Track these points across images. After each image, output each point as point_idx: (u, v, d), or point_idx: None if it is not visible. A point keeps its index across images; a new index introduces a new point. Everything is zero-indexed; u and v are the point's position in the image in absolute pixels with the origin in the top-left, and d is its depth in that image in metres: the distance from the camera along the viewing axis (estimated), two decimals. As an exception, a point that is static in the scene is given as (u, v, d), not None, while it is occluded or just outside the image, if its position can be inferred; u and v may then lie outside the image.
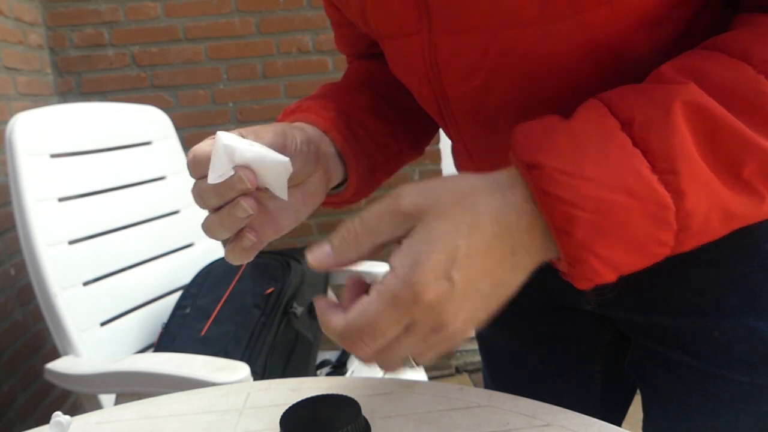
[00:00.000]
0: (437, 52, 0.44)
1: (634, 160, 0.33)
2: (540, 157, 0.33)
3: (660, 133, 0.33)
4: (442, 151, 2.18)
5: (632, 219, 0.33)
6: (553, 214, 0.33)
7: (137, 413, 0.53)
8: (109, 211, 1.39)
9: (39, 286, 1.17)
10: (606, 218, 0.33)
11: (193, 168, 0.42)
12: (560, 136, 0.34)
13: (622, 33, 0.39)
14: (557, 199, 0.33)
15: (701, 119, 0.33)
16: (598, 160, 0.33)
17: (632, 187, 0.33)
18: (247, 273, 1.40)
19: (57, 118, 1.34)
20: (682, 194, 0.33)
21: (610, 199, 0.33)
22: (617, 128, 0.34)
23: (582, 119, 0.35)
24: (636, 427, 0.65)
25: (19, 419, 1.52)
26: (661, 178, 0.33)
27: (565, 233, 0.33)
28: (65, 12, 1.90)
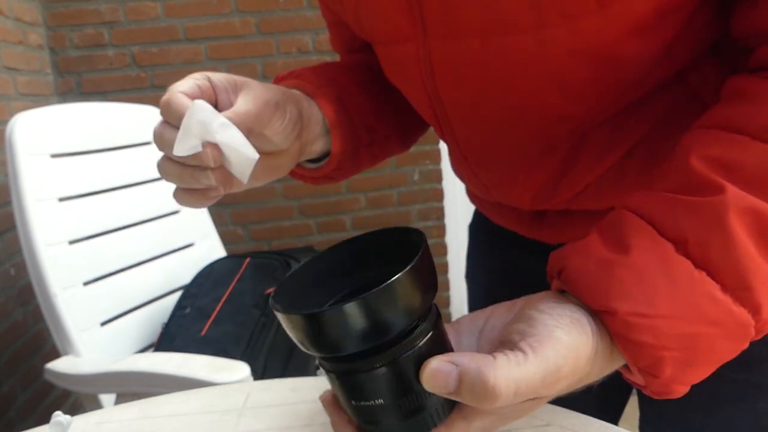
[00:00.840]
0: (432, 57, 0.44)
1: (703, 285, 0.32)
2: (611, 302, 0.32)
3: (721, 250, 0.32)
4: (442, 151, 2.19)
5: (716, 344, 0.33)
6: (638, 359, 0.33)
7: (137, 413, 0.53)
8: (109, 211, 1.39)
9: (39, 286, 1.17)
10: (692, 351, 0.33)
11: (159, 141, 0.40)
12: (623, 273, 0.33)
13: (615, 39, 0.39)
14: (639, 344, 0.32)
15: (756, 223, 0.32)
16: (669, 294, 0.32)
17: (710, 314, 0.32)
18: (247, 273, 1.40)
19: (57, 118, 1.34)
20: (760, 307, 0.32)
21: (693, 332, 0.32)
22: (672, 251, 0.33)
23: (637, 249, 0.33)
24: (633, 425, 0.65)
25: (19, 419, 1.53)
26: (734, 296, 0.32)
27: (652, 375, 0.33)
28: (65, 12, 1.90)
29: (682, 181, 0.35)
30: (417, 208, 2.20)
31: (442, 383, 0.30)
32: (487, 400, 0.30)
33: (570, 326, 0.32)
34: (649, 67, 0.42)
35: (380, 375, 0.31)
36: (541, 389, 0.31)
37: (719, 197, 0.33)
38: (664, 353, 0.32)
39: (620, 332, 0.32)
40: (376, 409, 0.32)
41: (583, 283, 0.34)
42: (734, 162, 0.34)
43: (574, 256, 0.35)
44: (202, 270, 1.45)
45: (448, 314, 2.31)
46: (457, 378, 0.30)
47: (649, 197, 0.35)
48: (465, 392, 0.30)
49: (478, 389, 0.30)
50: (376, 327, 0.29)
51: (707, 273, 0.32)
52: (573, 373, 0.32)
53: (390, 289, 0.29)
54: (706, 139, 0.36)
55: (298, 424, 0.48)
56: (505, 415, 0.34)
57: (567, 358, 0.31)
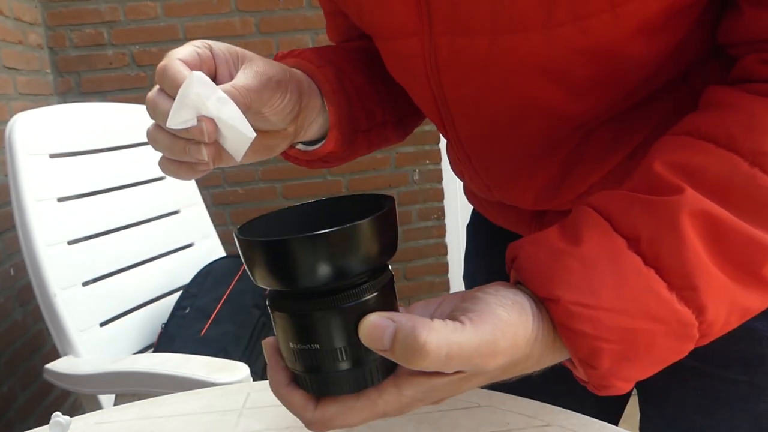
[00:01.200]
0: (437, 53, 0.44)
1: (650, 282, 0.32)
2: (555, 289, 0.33)
3: (671, 249, 0.32)
4: (442, 151, 2.18)
5: (656, 341, 0.33)
6: (577, 348, 0.33)
7: (137, 413, 0.53)
8: (108, 211, 1.38)
9: (38, 287, 1.17)
10: (631, 346, 0.33)
11: (152, 109, 0.38)
12: (571, 263, 0.33)
13: (623, 39, 0.39)
14: (578, 333, 0.32)
15: (709, 227, 0.33)
16: (614, 287, 0.32)
17: (654, 311, 0.32)
18: (246, 273, 1.40)
19: (56, 118, 1.34)
20: (704, 309, 0.33)
21: (634, 327, 0.32)
22: (624, 247, 0.33)
23: (589, 242, 0.34)
24: (633, 426, 0.65)
25: (19, 419, 1.52)
26: (679, 295, 0.32)
27: (590, 366, 0.33)
28: (65, 12, 1.90)
29: (643, 183, 0.35)
30: (417, 208, 2.20)
31: (377, 337, 0.31)
32: (417, 356, 0.30)
33: (511, 306, 0.33)
34: (656, 68, 0.42)
35: (320, 319, 0.31)
36: (475, 359, 0.31)
37: (676, 197, 0.33)
38: (602, 344, 0.32)
39: (562, 320, 0.33)
40: (311, 354, 0.32)
41: (531, 270, 0.34)
42: (696, 167, 0.34)
43: (528, 245, 0.36)
44: (202, 270, 1.45)
45: (447, 314, 2.30)
46: (392, 334, 0.30)
47: (611, 195, 0.36)
48: (397, 348, 0.30)
49: (409, 345, 0.30)
50: (324, 265, 0.30)
51: (656, 271, 0.33)
52: (510, 351, 0.32)
53: (345, 232, 0.30)
54: (673, 145, 0.36)
55: (298, 424, 0.48)
56: (438, 389, 0.33)
57: (505, 333, 0.32)
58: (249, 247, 0.32)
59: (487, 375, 0.34)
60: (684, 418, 0.55)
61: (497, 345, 0.31)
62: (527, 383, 0.67)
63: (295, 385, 0.34)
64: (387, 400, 0.33)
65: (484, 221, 0.66)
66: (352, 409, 0.33)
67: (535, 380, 0.67)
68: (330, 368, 0.32)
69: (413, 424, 0.46)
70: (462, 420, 0.46)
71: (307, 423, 0.34)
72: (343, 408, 0.33)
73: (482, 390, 0.51)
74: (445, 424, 0.46)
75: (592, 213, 0.35)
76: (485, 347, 0.31)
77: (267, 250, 0.31)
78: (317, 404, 0.33)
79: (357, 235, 0.31)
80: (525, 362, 0.34)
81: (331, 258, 0.30)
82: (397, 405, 0.33)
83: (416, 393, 0.33)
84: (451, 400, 0.49)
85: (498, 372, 0.33)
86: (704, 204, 0.33)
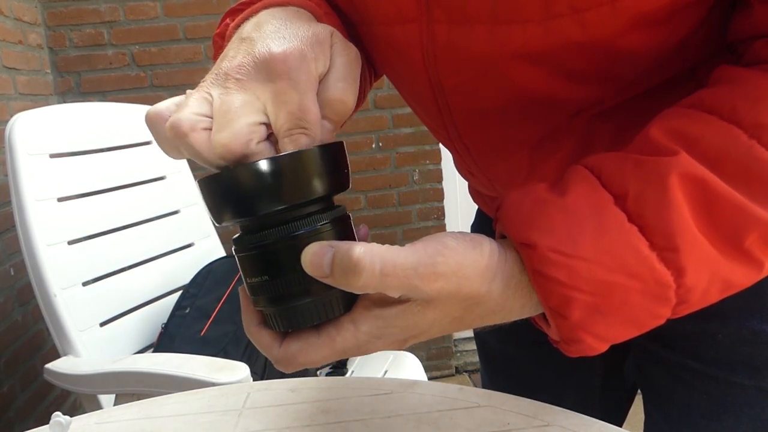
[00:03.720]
0: (434, 41, 0.44)
1: (631, 238, 0.32)
2: (533, 235, 0.32)
3: (656, 208, 0.32)
4: (442, 151, 2.18)
5: (631, 298, 0.33)
6: (549, 296, 0.33)
7: (137, 413, 0.53)
8: (108, 211, 1.39)
9: (38, 286, 1.17)
10: (604, 299, 0.32)
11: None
12: (553, 211, 0.33)
13: (620, 32, 0.39)
14: (551, 279, 0.32)
15: (698, 191, 0.32)
16: (594, 239, 0.32)
17: (631, 266, 0.32)
18: (246, 273, 1.40)
19: (56, 117, 1.34)
20: (683, 271, 0.32)
21: (609, 280, 0.32)
22: (611, 203, 0.33)
23: (574, 194, 0.34)
24: (637, 427, 0.65)
25: (19, 419, 1.52)
26: (660, 255, 0.32)
27: (561, 315, 0.33)
28: (65, 12, 1.90)
29: (639, 145, 0.35)
30: (417, 208, 2.20)
31: (318, 264, 0.31)
32: (352, 274, 0.30)
33: (463, 238, 0.33)
34: (657, 62, 0.42)
35: (271, 250, 0.32)
36: (413, 279, 0.31)
37: (668, 158, 0.33)
38: (574, 294, 0.32)
39: (537, 267, 0.32)
40: (267, 287, 0.33)
41: (512, 216, 0.34)
42: (694, 134, 0.34)
43: (515, 193, 0.35)
44: (202, 270, 1.45)
45: (447, 314, 2.31)
46: (331, 259, 0.30)
47: (604, 155, 0.36)
48: (335, 268, 0.30)
49: (345, 264, 0.30)
50: (270, 190, 0.31)
51: (639, 228, 0.32)
52: (456, 279, 0.32)
53: (293, 157, 0.31)
54: (674, 113, 0.36)
55: (298, 424, 0.48)
56: (393, 323, 0.33)
57: (447, 258, 0.31)
58: (202, 186, 0.33)
59: (436, 305, 0.33)
60: (689, 423, 0.54)
61: (436, 267, 0.31)
62: (526, 386, 0.67)
63: (264, 325, 0.35)
64: (345, 337, 0.33)
65: (489, 221, 0.66)
66: (312, 345, 0.33)
67: (535, 383, 0.67)
68: (286, 301, 0.33)
69: (413, 423, 0.46)
70: (462, 420, 0.46)
71: (274, 361, 0.34)
72: (304, 345, 0.33)
73: (482, 390, 0.51)
74: (445, 424, 0.46)
75: (583, 170, 0.35)
76: (422, 267, 0.31)
77: (218, 183, 0.32)
78: (281, 342, 0.34)
79: (300, 161, 0.32)
80: (486, 302, 0.34)
81: (276, 183, 0.31)
82: (355, 342, 0.33)
83: (372, 329, 0.33)
84: (451, 400, 0.49)
85: (454, 306, 0.33)
86: (697, 168, 0.32)
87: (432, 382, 0.54)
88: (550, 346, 0.66)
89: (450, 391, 0.51)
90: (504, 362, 0.70)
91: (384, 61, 0.52)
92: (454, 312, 0.34)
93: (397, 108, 2.13)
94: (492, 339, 0.70)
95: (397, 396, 0.51)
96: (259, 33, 0.36)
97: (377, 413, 0.48)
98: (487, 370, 0.73)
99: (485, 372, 0.74)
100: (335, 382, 0.55)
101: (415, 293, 0.32)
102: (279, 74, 0.33)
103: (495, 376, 0.72)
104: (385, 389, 0.52)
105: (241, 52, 0.35)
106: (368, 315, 0.33)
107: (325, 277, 0.31)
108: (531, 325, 0.65)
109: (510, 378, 0.69)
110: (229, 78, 0.34)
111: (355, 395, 0.51)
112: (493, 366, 0.72)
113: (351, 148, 2.11)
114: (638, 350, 0.60)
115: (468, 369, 2.39)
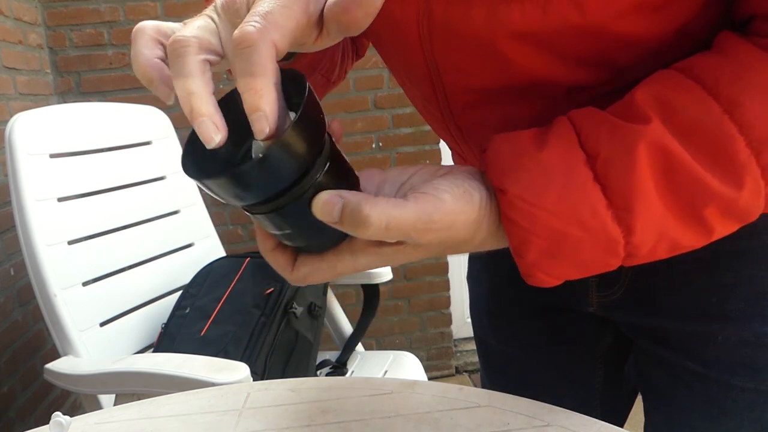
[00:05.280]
0: (431, 18, 0.44)
1: (592, 197, 0.36)
2: (506, 183, 0.36)
3: (621, 171, 0.35)
4: (442, 151, 2.19)
5: (582, 247, 0.36)
6: (511, 236, 0.37)
7: (137, 413, 0.53)
8: (108, 211, 1.39)
9: (38, 286, 1.17)
10: (557, 245, 0.36)
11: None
12: (528, 163, 0.36)
13: (618, 16, 0.39)
14: (515, 223, 0.36)
15: (662, 160, 0.35)
16: (559, 194, 0.36)
17: (587, 221, 0.36)
18: (246, 273, 1.40)
19: (56, 117, 1.34)
20: (633, 230, 0.36)
21: (564, 230, 0.36)
22: (583, 162, 0.36)
23: (551, 150, 0.37)
24: (637, 427, 0.65)
25: (19, 419, 1.52)
26: (615, 214, 0.36)
27: (518, 254, 0.38)
28: (65, 12, 1.90)
29: (622, 107, 0.37)
30: (417, 208, 2.20)
31: (329, 211, 0.34)
32: (362, 226, 0.34)
33: (460, 195, 0.36)
34: (656, 47, 0.42)
35: (286, 212, 0.35)
36: (411, 232, 0.35)
37: (640, 126, 0.35)
38: (532, 238, 0.36)
39: (504, 210, 0.37)
40: (287, 237, 0.37)
41: (493, 162, 0.38)
42: (673, 104, 0.36)
43: (500, 139, 0.39)
44: (202, 270, 1.45)
45: (448, 314, 2.31)
46: (341, 209, 0.34)
47: (589, 111, 0.38)
48: (345, 219, 0.34)
49: (355, 217, 0.34)
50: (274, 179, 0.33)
51: (602, 188, 0.36)
52: (446, 232, 0.36)
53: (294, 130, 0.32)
54: (662, 77, 0.38)
55: (298, 424, 0.48)
56: (386, 258, 0.37)
57: (443, 216, 0.35)
58: (198, 182, 0.34)
59: (426, 248, 0.37)
60: (689, 425, 0.55)
61: (432, 223, 0.35)
62: (527, 387, 0.67)
63: (280, 248, 0.39)
64: (345, 265, 0.38)
65: None
66: (318, 270, 0.38)
67: (535, 383, 0.67)
68: (302, 242, 0.38)
69: (413, 423, 0.46)
70: (462, 420, 0.46)
71: (289, 279, 0.40)
72: (311, 269, 0.38)
73: (482, 390, 0.51)
74: (445, 424, 0.46)
75: (567, 123, 0.38)
76: (420, 224, 0.35)
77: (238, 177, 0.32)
78: (293, 267, 0.39)
79: (292, 142, 0.32)
80: (465, 245, 0.38)
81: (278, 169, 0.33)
82: (352, 268, 0.38)
83: (368, 261, 0.38)
84: (451, 400, 0.49)
85: (435, 247, 0.37)
86: (665, 139, 0.35)
87: (432, 382, 0.54)
88: (550, 348, 0.66)
89: (450, 391, 0.51)
90: (504, 363, 0.70)
91: (379, 38, 0.52)
92: (440, 250, 0.38)
93: (397, 108, 2.13)
94: (492, 340, 0.70)
95: (397, 396, 0.51)
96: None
97: (377, 413, 0.48)
98: (487, 370, 0.73)
99: (485, 372, 0.74)
100: (335, 382, 0.55)
101: (410, 241, 0.36)
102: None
103: (495, 376, 0.72)
104: (385, 389, 0.52)
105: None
106: (367, 251, 0.37)
107: (335, 223, 0.34)
108: (533, 328, 0.65)
109: (510, 379, 0.69)
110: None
111: (355, 395, 0.51)
112: (493, 367, 0.72)
113: (351, 149, 2.11)
114: (639, 351, 0.60)
115: (468, 369, 2.39)
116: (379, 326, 2.24)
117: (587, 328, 0.64)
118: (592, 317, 0.61)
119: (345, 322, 1.62)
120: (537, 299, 0.63)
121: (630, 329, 0.59)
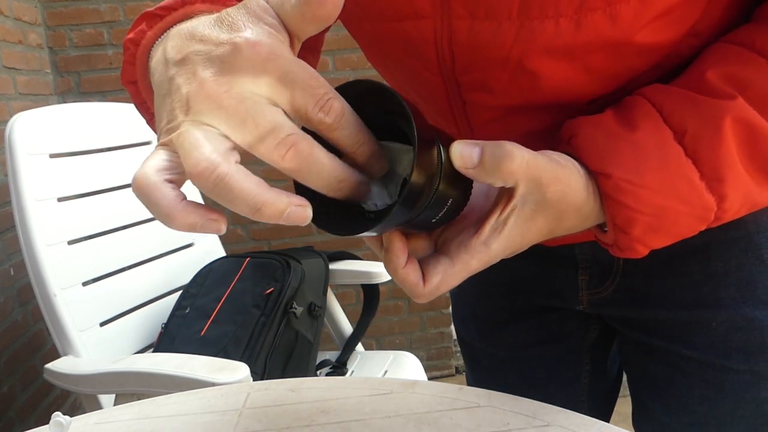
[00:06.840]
0: (454, 37, 0.42)
1: (687, 171, 0.38)
2: (608, 167, 0.38)
3: (709, 145, 0.38)
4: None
5: (681, 219, 0.39)
6: (616, 216, 0.39)
7: (137, 413, 0.53)
8: (108, 211, 1.39)
9: (38, 286, 1.17)
10: (660, 219, 0.39)
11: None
12: (624, 146, 0.39)
13: (644, 25, 0.39)
14: (621, 204, 0.38)
15: (747, 133, 0.38)
16: (657, 171, 0.38)
17: (685, 194, 0.39)
18: (247, 273, 1.40)
19: (56, 117, 1.34)
20: (725, 197, 0.39)
21: (666, 205, 0.39)
22: (671, 138, 0.39)
23: (643, 130, 0.39)
24: (620, 422, 0.65)
25: (19, 419, 1.53)
26: (708, 185, 0.38)
27: (623, 231, 0.40)
28: (65, 12, 1.90)
29: (696, 84, 0.40)
30: (417, 208, 2.20)
31: (468, 155, 0.35)
32: (507, 158, 0.34)
33: (569, 162, 0.39)
34: (671, 51, 0.43)
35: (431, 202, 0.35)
36: (543, 176, 0.36)
37: (725, 102, 0.38)
38: (637, 216, 0.39)
39: (609, 192, 0.38)
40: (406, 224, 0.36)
41: (589, 148, 0.39)
42: (746, 79, 0.39)
43: (587, 125, 0.40)
44: (202, 270, 1.45)
45: (448, 314, 2.31)
46: (480, 151, 0.35)
47: (664, 89, 0.40)
48: (486, 159, 0.34)
49: (497, 153, 0.34)
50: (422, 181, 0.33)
51: (693, 161, 0.38)
52: (567, 187, 0.37)
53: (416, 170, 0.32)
54: (725, 53, 0.40)
55: (298, 424, 0.48)
56: (511, 237, 0.38)
57: (564, 168, 0.38)
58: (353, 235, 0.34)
59: (546, 216, 0.38)
60: (688, 411, 0.55)
61: (558, 173, 0.37)
62: (516, 387, 0.66)
63: (411, 264, 0.38)
64: (479, 259, 0.38)
65: None
66: (451, 275, 0.38)
67: (524, 384, 0.67)
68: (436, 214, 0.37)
69: (413, 423, 0.46)
70: (462, 420, 0.46)
71: (419, 297, 0.38)
72: (444, 276, 0.38)
73: (482, 390, 0.51)
74: (445, 424, 0.46)
75: (646, 103, 0.40)
76: (551, 172, 0.36)
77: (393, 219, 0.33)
78: (425, 282, 0.38)
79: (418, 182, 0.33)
80: (576, 213, 0.39)
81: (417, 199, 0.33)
82: (486, 260, 0.38)
83: (501, 245, 0.38)
84: (451, 400, 0.49)
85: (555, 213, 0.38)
86: (748, 113, 0.38)
87: (432, 382, 0.55)
88: (538, 348, 0.66)
89: (450, 391, 0.51)
90: (492, 364, 0.69)
91: (386, 57, 0.50)
92: (555, 214, 0.39)
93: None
94: (479, 344, 0.70)
95: (397, 396, 0.51)
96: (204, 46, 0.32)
97: (377, 413, 0.48)
98: (474, 372, 0.72)
99: (471, 375, 0.73)
100: (335, 382, 0.55)
101: (535, 193, 0.37)
102: (263, 61, 0.30)
103: (482, 378, 0.71)
104: (385, 389, 0.52)
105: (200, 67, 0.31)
106: (496, 235, 0.38)
107: (474, 168, 0.35)
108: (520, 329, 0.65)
109: (498, 379, 0.69)
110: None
111: (355, 395, 0.51)
112: (479, 369, 0.71)
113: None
114: (631, 344, 0.60)
115: (468, 369, 2.39)
116: (379, 326, 2.24)
117: (574, 324, 0.64)
118: (578, 314, 0.62)
119: (345, 322, 1.62)
120: (526, 303, 0.63)
121: (620, 323, 0.60)
